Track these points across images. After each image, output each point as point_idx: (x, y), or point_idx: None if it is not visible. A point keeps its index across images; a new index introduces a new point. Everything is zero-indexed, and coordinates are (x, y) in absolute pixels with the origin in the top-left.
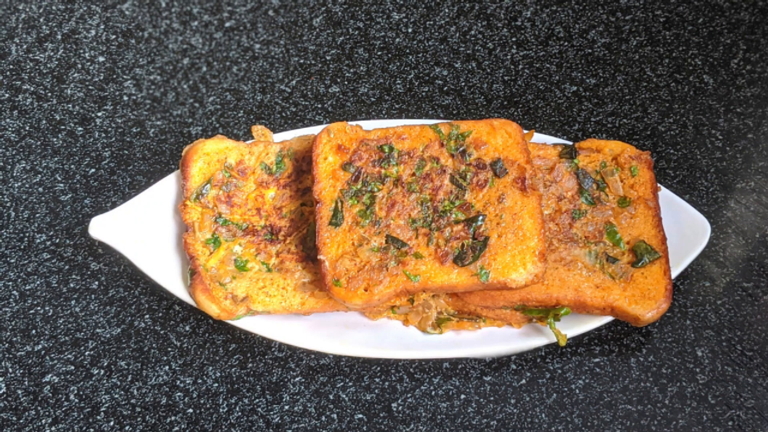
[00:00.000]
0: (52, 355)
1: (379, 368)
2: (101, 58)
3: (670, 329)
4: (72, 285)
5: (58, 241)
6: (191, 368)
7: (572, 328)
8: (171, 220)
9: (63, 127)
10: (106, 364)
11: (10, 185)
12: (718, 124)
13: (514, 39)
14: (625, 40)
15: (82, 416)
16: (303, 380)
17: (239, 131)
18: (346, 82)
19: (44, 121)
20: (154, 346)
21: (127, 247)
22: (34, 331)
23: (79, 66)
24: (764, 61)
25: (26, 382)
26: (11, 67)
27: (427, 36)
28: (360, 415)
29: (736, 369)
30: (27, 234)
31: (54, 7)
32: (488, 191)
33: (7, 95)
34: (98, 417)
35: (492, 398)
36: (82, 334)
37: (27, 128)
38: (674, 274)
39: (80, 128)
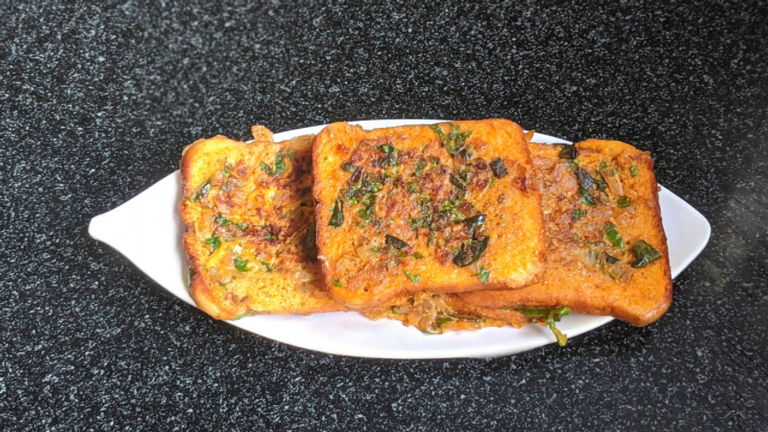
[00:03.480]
0: (52, 355)
1: (379, 368)
2: (101, 58)
3: (670, 329)
4: (72, 285)
5: (58, 241)
6: (191, 368)
7: (572, 328)
8: (171, 220)
9: (63, 127)
10: (106, 364)
11: (10, 185)
12: (718, 124)
13: (514, 39)
14: (625, 40)
15: (82, 416)
16: (303, 380)
17: (239, 131)
18: (346, 82)
19: (44, 121)
20: (154, 346)
21: (127, 247)
22: (34, 331)
23: (79, 66)
24: (764, 61)
25: (26, 382)
26: (11, 67)
27: (427, 36)
28: (360, 415)
29: (736, 369)
30: (27, 234)
31: (54, 7)
32: (488, 191)
33: (7, 95)
34: (98, 417)
35: (492, 398)
36: (82, 334)
37: (27, 128)
38: (674, 274)
39: (80, 128)
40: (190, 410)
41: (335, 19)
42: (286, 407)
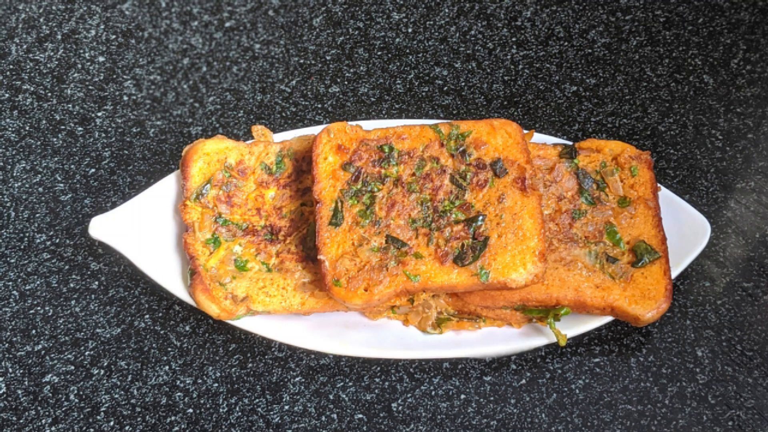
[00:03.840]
0: (52, 355)
1: (379, 368)
2: (101, 58)
3: (670, 329)
4: (72, 285)
5: (58, 241)
6: (191, 368)
7: (572, 328)
8: (171, 220)
9: (63, 127)
10: (106, 364)
11: (10, 185)
12: (718, 124)
13: (514, 39)
14: (625, 40)
15: (82, 416)
16: (303, 380)
17: (239, 131)
18: (346, 82)
19: (44, 121)
20: (154, 346)
21: (127, 247)
22: (34, 331)
23: (79, 66)
24: (764, 61)
25: (26, 382)
26: (11, 67)
27: (427, 36)
28: (360, 415)
29: (736, 369)
30: (27, 234)
31: (54, 7)
32: (488, 191)
33: (7, 95)
34: (98, 417)
35: (492, 398)
36: (82, 334)
37: (27, 128)
38: (674, 274)
39: (80, 128)
40: (190, 410)
41: (335, 19)
42: (286, 407)
